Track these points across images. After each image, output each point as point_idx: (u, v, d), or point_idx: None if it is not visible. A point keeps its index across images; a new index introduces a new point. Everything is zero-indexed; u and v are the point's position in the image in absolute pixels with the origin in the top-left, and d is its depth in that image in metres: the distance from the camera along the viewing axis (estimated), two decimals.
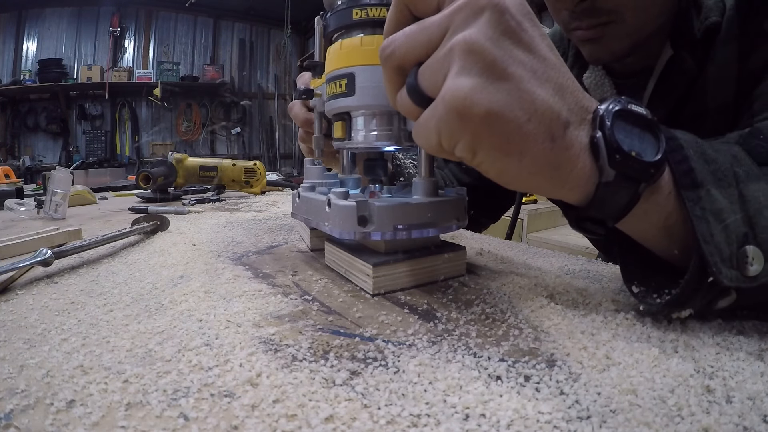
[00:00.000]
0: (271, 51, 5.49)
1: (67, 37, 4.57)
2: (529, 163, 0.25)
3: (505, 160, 0.25)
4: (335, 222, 0.36)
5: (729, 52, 0.47)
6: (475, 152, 0.26)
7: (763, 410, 0.19)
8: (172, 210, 0.83)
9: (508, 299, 0.34)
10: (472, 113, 0.24)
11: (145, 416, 0.19)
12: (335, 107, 0.39)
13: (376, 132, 0.38)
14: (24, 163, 4.05)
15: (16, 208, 0.84)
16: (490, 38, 0.24)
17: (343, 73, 0.37)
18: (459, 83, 0.24)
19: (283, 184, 1.33)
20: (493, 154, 0.25)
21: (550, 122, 0.25)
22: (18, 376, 0.23)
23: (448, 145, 0.26)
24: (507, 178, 0.27)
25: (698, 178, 0.27)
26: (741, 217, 0.26)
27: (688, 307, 0.28)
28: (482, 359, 0.24)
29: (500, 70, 0.24)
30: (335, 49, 0.38)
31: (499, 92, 0.24)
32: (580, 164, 0.26)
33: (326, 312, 0.32)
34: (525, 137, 0.24)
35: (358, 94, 0.36)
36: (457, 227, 0.39)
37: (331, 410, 0.20)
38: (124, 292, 0.36)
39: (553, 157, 0.25)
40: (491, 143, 0.25)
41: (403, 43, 0.27)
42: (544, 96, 0.24)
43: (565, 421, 0.19)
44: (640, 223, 0.29)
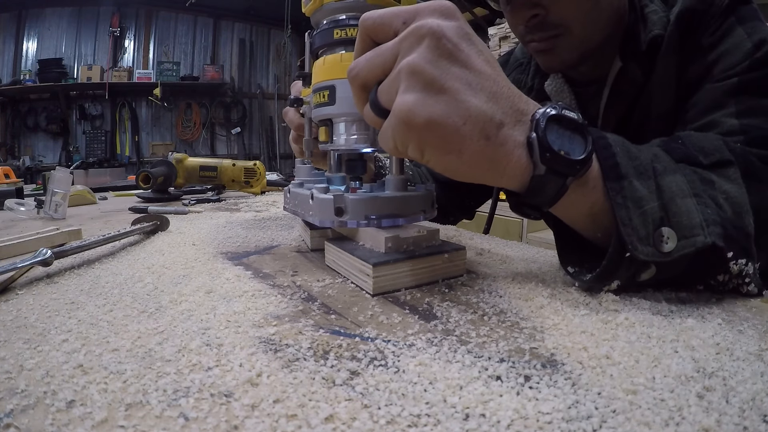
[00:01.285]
0: (271, 51, 5.49)
1: (67, 37, 4.58)
2: (468, 159, 0.30)
3: (447, 158, 0.31)
4: (316, 212, 0.42)
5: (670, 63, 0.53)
6: (422, 152, 0.31)
7: (763, 410, 0.19)
8: (172, 210, 0.83)
9: (508, 299, 0.34)
10: (416, 122, 0.29)
11: (145, 416, 0.19)
12: (320, 115, 0.44)
13: (355, 136, 0.43)
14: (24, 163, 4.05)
15: (16, 208, 0.84)
16: (429, 60, 0.29)
17: (326, 85, 0.42)
18: (405, 99, 0.29)
19: (283, 184, 1.33)
20: (436, 154, 0.30)
21: (483, 124, 0.29)
22: (18, 376, 0.23)
23: (402, 148, 0.31)
24: (451, 172, 0.32)
25: (622, 171, 0.32)
26: (657, 205, 0.31)
27: (614, 279, 0.32)
28: (482, 359, 0.24)
29: (438, 85, 0.29)
30: (320, 63, 0.43)
31: (438, 103, 0.29)
32: (515, 158, 0.31)
33: (326, 312, 0.32)
34: (462, 138, 0.29)
35: (338, 103, 0.41)
36: (425, 218, 0.43)
37: (331, 410, 0.20)
38: (124, 292, 0.36)
39: (490, 152, 0.30)
40: (434, 145, 0.30)
41: (364, 66, 0.32)
42: (478, 103, 0.29)
43: (565, 421, 0.19)
44: (570, 210, 0.35)
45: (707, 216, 0.31)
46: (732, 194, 0.34)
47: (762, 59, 0.46)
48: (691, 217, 0.31)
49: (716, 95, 0.48)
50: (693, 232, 0.31)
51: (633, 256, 0.30)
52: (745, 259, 0.32)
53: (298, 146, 0.60)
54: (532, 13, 0.52)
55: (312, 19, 0.45)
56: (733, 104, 0.46)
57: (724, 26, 0.49)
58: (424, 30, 0.29)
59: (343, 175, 0.50)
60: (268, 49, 5.49)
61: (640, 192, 0.32)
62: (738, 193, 0.35)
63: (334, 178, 0.50)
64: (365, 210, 0.40)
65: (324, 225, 0.42)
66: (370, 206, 0.40)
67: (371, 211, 0.40)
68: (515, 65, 0.77)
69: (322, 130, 0.45)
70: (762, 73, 0.46)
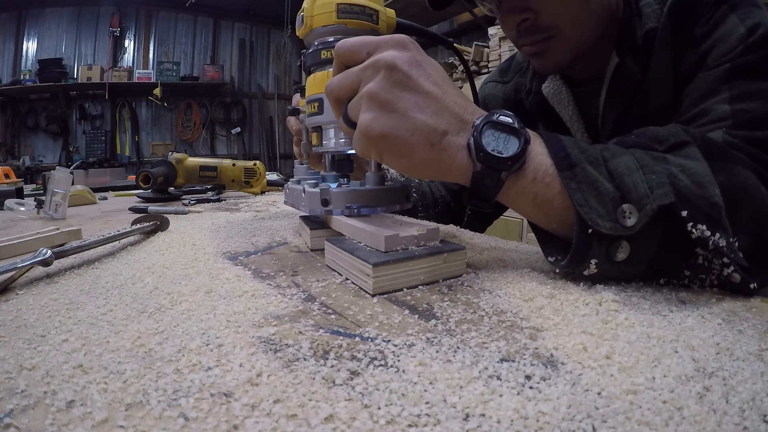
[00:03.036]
0: (271, 51, 5.49)
1: (67, 37, 4.58)
2: (418, 161, 0.37)
3: (401, 161, 0.37)
4: (306, 203, 0.50)
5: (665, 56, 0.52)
6: (381, 157, 0.38)
7: (763, 410, 0.19)
8: (172, 210, 0.83)
9: (508, 299, 0.34)
10: (372, 134, 0.36)
11: (145, 416, 0.19)
12: (311, 122, 0.52)
13: (342, 139, 0.50)
14: (24, 163, 4.05)
15: (16, 208, 0.84)
16: (383, 88, 0.36)
17: (316, 98, 0.50)
18: (365, 117, 0.37)
19: (282, 184, 1.33)
20: (392, 158, 0.37)
21: (428, 134, 0.36)
22: (18, 376, 0.23)
23: (366, 153, 0.39)
24: (406, 172, 0.39)
25: (573, 160, 0.35)
26: (612, 186, 0.34)
27: (589, 259, 0.34)
28: (482, 359, 0.24)
29: (390, 107, 0.36)
30: (311, 79, 0.51)
31: (390, 120, 0.36)
32: (458, 159, 0.37)
33: (326, 312, 0.32)
34: (410, 145, 0.36)
35: (326, 113, 0.49)
36: (400, 208, 0.50)
37: (331, 410, 0.20)
38: (124, 292, 0.36)
39: (435, 156, 0.36)
40: (389, 151, 0.37)
41: (336, 85, 0.40)
42: (423, 118, 0.36)
43: (565, 421, 0.19)
44: (514, 201, 0.38)
45: (651, 182, 0.33)
46: (690, 167, 0.35)
47: (756, 43, 0.45)
48: (638, 189, 0.33)
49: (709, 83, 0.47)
50: (642, 202, 0.32)
51: (597, 231, 0.33)
52: (713, 230, 0.32)
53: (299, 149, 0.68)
54: (522, 17, 0.54)
55: (305, 41, 0.52)
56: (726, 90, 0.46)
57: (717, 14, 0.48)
58: (380, 63, 0.36)
59: (335, 174, 0.56)
60: (268, 49, 5.49)
61: (593, 176, 0.34)
62: (698, 166, 0.35)
63: (328, 176, 0.56)
64: (346, 201, 0.47)
65: (313, 213, 0.50)
66: (350, 197, 0.47)
67: (351, 201, 0.47)
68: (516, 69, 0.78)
69: (314, 135, 0.53)
70: (756, 56, 0.45)
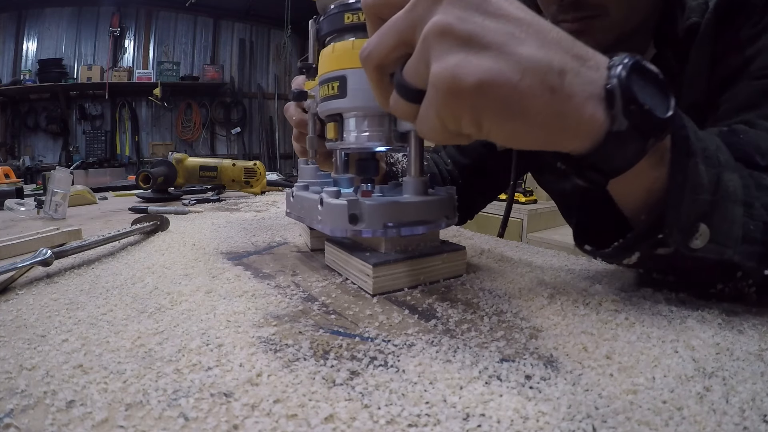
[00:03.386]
0: (271, 51, 5.48)
1: (67, 37, 4.57)
2: (536, 120, 0.25)
3: (511, 124, 0.25)
4: (327, 220, 0.37)
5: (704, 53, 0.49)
6: (480, 124, 0.26)
7: (763, 410, 0.19)
8: (172, 210, 0.83)
9: (508, 299, 0.34)
10: (465, 86, 0.24)
11: (145, 416, 0.19)
12: (328, 109, 0.40)
13: (367, 133, 0.39)
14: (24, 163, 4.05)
15: (16, 208, 0.84)
16: (457, 17, 0.25)
17: (335, 75, 0.38)
18: (443, 65, 0.24)
19: (283, 184, 1.33)
20: (497, 121, 0.25)
21: (543, 75, 0.24)
22: (18, 376, 0.23)
23: (454, 126, 0.26)
24: (518, 140, 0.27)
25: (692, 149, 0.28)
26: (709, 200, 0.29)
27: (634, 251, 0.31)
28: (482, 359, 0.24)
29: (477, 41, 0.24)
30: (328, 52, 0.39)
31: (485, 60, 0.24)
32: (588, 112, 0.25)
33: (326, 312, 0.32)
34: (522, 95, 0.24)
35: (350, 96, 0.37)
36: (446, 225, 0.40)
37: (331, 410, 0.20)
38: (124, 292, 0.36)
39: (558, 106, 0.25)
40: (492, 110, 0.25)
41: (377, 43, 0.28)
42: (529, 52, 0.25)
43: (565, 421, 0.19)
44: (628, 181, 0.29)
45: (748, 233, 0.30)
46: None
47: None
48: (733, 229, 0.29)
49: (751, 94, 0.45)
50: (726, 243, 0.29)
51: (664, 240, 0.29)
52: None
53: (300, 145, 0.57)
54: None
55: (318, 3, 0.42)
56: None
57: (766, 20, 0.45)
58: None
59: (350, 177, 0.47)
60: (268, 49, 5.48)
61: (701, 178, 0.29)
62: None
63: (341, 179, 0.47)
64: (383, 217, 0.36)
65: (335, 234, 0.37)
66: (388, 213, 0.36)
67: (389, 218, 0.36)
68: None
69: (330, 127, 0.41)
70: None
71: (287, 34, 4.86)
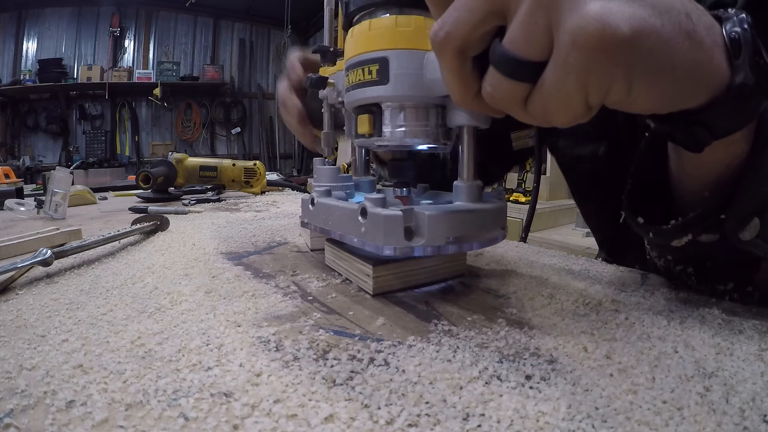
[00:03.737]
0: (271, 51, 5.49)
1: (67, 37, 4.57)
2: (681, 72, 0.22)
3: (661, 81, 0.22)
4: (374, 234, 0.31)
5: None
6: (630, 87, 0.22)
7: (763, 410, 0.19)
8: (172, 210, 0.83)
9: (508, 299, 0.34)
10: (619, 40, 0.20)
11: (145, 416, 0.19)
12: (362, 98, 0.34)
13: (410, 127, 0.33)
14: (24, 163, 4.05)
15: (16, 208, 0.84)
16: None
17: (374, 57, 0.32)
18: (583, 16, 0.20)
19: (283, 184, 1.33)
20: (649, 79, 0.22)
21: (678, 17, 0.21)
22: (18, 376, 0.23)
23: (599, 95, 0.22)
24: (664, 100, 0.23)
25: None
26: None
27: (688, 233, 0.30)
28: (482, 359, 0.24)
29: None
30: (362, 29, 0.33)
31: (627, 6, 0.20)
32: (715, 60, 0.23)
33: (326, 312, 0.32)
34: (668, 44, 0.21)
35: (393, 82, 0.32)
36: (502, 237, 0.35)
37: (331, 410, 0.20)
38: (124, 292, 0.36)
39: (694, 54, 0.22)
40: (645, 67, 0.21)
41: (456, 19, 0.22)
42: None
43: (565, 421, 0.19)
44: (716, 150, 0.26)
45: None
46: None
47: None
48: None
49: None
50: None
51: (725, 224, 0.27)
52: None
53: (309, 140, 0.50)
54: None
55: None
56: None
57: None
58: None
59: (372, 179, 0.41)
60: (268, 49, 5.48)
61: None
62: None
63: (362, 182, 0.41)
64: (446, 230, 0.31)
65: (384, 253, 0.31)
66: (451, 225, 0.31)
67: (452, 231, 0.31)
68: None
69: (363, 119, 0.34)
70: None
71: (287, 34, 4.86)
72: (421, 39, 0.32)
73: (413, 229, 0.31)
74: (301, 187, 1.36)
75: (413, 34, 0.31)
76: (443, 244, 0.31)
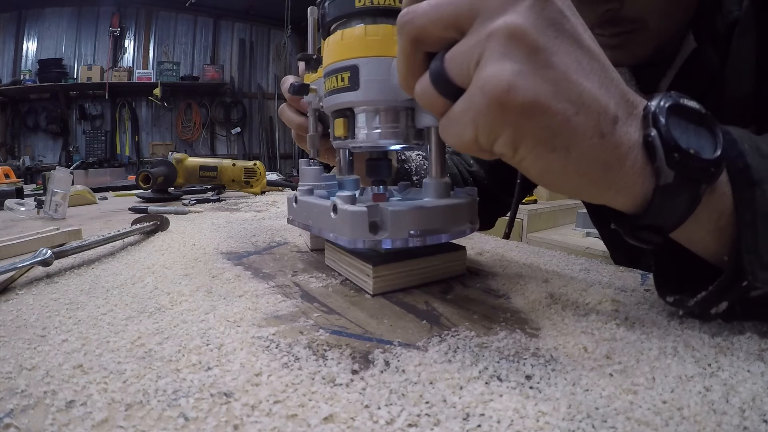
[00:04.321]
0: (271, 51, 5.49)
1: (67, 37, 4.57)
2: (576, 160, 0.23)
3: (550, 157, 0.23)
4: (342, 229, 0.34)
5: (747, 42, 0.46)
6: (516, 148, 0.23)
7: (763, 410, 0.19)
8: (172, 210, 0.83)
9: (508, 299, 0.34)
10: (516, 103, 0.22)
11: (145, 416, 0.19)
12: (336, 103, 0.36)
13: (381, 129, 0.35)
14: (24, 163, 4.05)
15: (16, 208, 0.84)
16: (533, 24, 0.22)
17: (346, 65, 0.34)
18: (500, 69, 0.22)
19: (283, 184, 1.33)
20: (537, 150, 0.23)
21: (598, 116, 0.23)
22: (18, 376, 0.23)
23: (487, 141, 0.24)
24: (551, 177, 0.25)
25: (754, 177, 0.25)
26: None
27: (723, 300, 0.27)
28: (482, 359, 0.24)
29: (544, 58, 0.22)
30: (336, 39, 0.35)
31: (545, 82, 0.22)
32: (629, 163, 0.24)
33: (326, 312, 0.32)
34: (573, 131, 0.22)
35: (363, 88, 0.34)
36: (471, 231, 0.37)
37: (331, 410, 0.20)
38: (124, 292, 0.36)
39: (603, 154, 0.23)
40: (536, 137, 0.23)
41: (425, 12, 0.24)
42: (591, 88, 0.23)
43: (565, 421, 0.19)
44: (693, 227, 0.26)
45: None
46: None
47: None
48: None
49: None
50: None
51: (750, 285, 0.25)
52: None
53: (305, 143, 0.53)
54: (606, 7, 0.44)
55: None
56: None
57: None
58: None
59: (356, 178, 0.44)
60: (268, 49, 5.48)
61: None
62: None
63: (346, 182, 0.43)
64: (408, 225, 0.32)
65: (354, 246, 0.33)
66: (413, 220, 0.33)
67: (414, 225, 0.33)
68: None
69: (339, 123, 0.37)
70: None
71: (287, 34, 4.86)
72: (390, 46, 0.33)
73: (378, 224, 0.33)
74: None
75: (381, 42, 0.33)
76: (407, 237, 0.33)
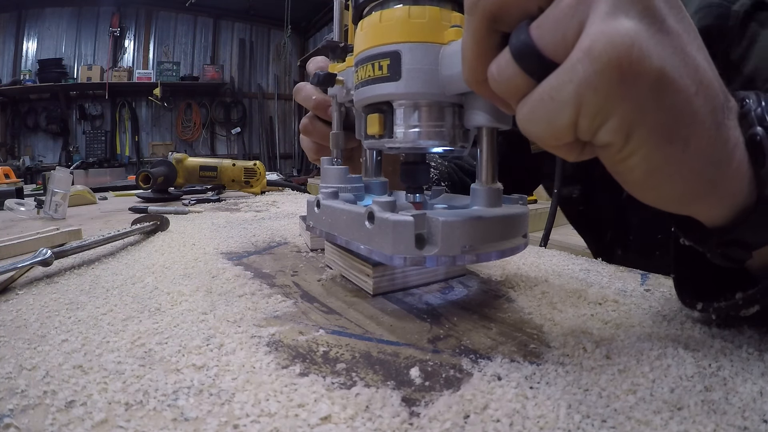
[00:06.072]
0: (271, 51, 5.49)
1: (67, 37, 4.57)
2: (693, 157, 0.19)
3: (666, 151, 0.18)
4: (381, 242, 0.28)
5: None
6: (629, 135, 0.18)
7: (763, 410, 0.19)
8: (172, 210, 0.83)
9: (508, 299, 0.34)
10: (643, 70, 0.16)
11: (144, 416, 0.19)
12: (372, 95, 0.31)
13: (422, 128, 0.31)
14: (24, 163, 4.05)
15: (16, 208, 0.84)
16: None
17: (385, 51, 0.30)
18: (617, 27, 0.16)
19: (283, 184, 1.33)
20: (654, 140, 0.18)
21: (714, 100, 0.19)
22: (18, 376, 0.23)
23: (590, 125, 0.18)
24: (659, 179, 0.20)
25: None
26: None
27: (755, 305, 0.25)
28: (482, 359, 0.24)
29: (661, 20, 0.17)
30: (372, 21, 0.31)
31: (664, 48, 0.17)
32: (734, 165, 0.20)
33: (326, 312, 0.32)
34: (693, 116, 0.18)
35: (405, 77, 0.29)
36: (524, 247, 0.32)
37: (330, 410, 0.20)
38: (124, 292, 0.36)
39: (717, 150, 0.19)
40: (657, 122, 0.18)
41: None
42: (704, 65, 0.19)
43: (565, 421, 0.19)
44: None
45: None
46: None
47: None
48: None
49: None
50: None
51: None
52: None
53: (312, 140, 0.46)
54: None
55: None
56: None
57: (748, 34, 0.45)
58: None
59: (384, 181, 0.39)
60: (268, 49, 5.49)
61: None
62: None
63: (373, 185, 0.38)
64: (462, 238, 0.27)
65: (394, 263, 0.28)
66: (467, 232, 0.27)
67: (468, 239, 0.27)
68: None
69: (373, 119, 0.32)
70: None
71: (287, 34, 4.87)
72: (437, 31, 0.29)
73: (425, 237, 0.28)
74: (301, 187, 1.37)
75: (427, 26, 0.29)
76: (458, 253, 0.27)
